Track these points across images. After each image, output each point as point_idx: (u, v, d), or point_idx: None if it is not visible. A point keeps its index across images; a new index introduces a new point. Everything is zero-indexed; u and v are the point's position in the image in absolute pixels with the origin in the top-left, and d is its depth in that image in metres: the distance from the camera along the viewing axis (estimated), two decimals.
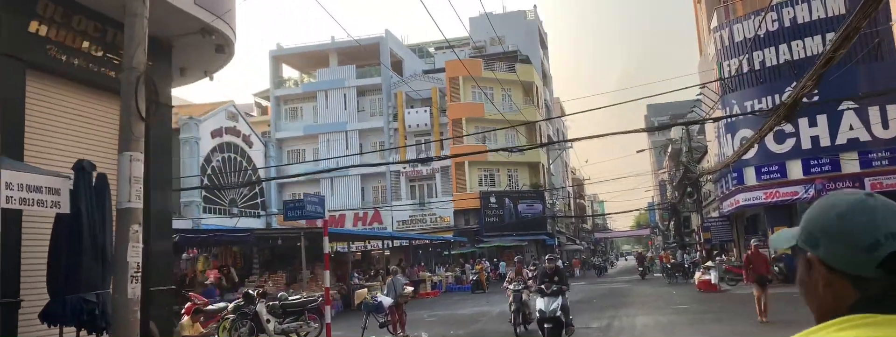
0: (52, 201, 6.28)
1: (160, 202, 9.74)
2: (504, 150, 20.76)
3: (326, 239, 12.84)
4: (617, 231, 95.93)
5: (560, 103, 66.47)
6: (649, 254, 52.81)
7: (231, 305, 13.47)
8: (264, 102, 51.84)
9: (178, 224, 25.71)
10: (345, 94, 45.44)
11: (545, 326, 11.26)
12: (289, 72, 49.02)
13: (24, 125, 7.29)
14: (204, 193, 28.84)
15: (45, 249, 7.02)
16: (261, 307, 12.64)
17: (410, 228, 42.49)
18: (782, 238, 1.24)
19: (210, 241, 20.34)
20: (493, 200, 43.05)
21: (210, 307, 14.06)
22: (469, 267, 34.00)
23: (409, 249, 39.98)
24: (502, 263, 39.43)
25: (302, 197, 41.00)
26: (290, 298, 13.70)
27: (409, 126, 44.01)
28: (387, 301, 13.97)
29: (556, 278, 11.57)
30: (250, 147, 32.55)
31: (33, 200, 6.06)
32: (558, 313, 11.21)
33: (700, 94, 27.60)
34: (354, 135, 45.05)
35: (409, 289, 15.49)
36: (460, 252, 41.61)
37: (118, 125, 6.79)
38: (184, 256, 21.70)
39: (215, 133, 29.98)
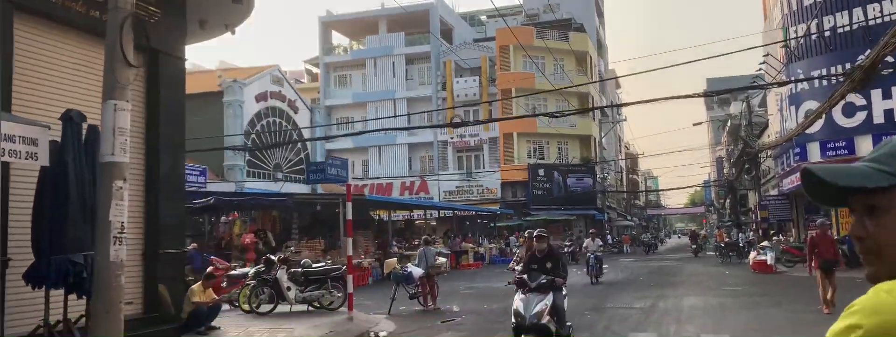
0: (27, 152, 5.74)
1: (170, 164, 9.22)
2: (547, 115, 19.70)
3: (350, 204, 12.21)
4: (670, 208, 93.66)
5: (615, 74, 64.43)
6: (703, 232, 51.10)
7: (252, 271, 13.04)
8: (315, 69, 51.63)
9: (220, 187, 25.71)
10: (393, 62, 44.75)
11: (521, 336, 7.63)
12: (338, 38, 48.54)
13: (11, 72, 6.76)
14: (248, 156, 28.67)
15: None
16: (281, 274, 12.14)
17: (457, 198, 41.92)
18: (849, 173, 1.03)
19: (248, 204, 20.05)
20: (541, 172, 42.04)
21: (234, 272, 13.69)
22: (513, 240, 33.24)
23: (455, 219, 39.47)
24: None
25: (352, 162, 39.90)
26: (313, 266, 13.18)
27: (458, 95, 43.12)
28: (417, 272, 13.38)
29: (548, 265, 8.08)
30: (296, 112, 32.22)
31: (5, 149, 5.53)
32: (544, 320, 7.50)
33: (763, 63, 25.91)
34: (403, 103, 44.44)
35: (442, 260, 14.85)
36: (506, 225, 40.91)
37: None
38: (223, 218, 21.51)
39: (260, 97, 29.69)
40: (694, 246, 37.18)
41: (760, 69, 26.58)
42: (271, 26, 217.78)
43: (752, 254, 23.58)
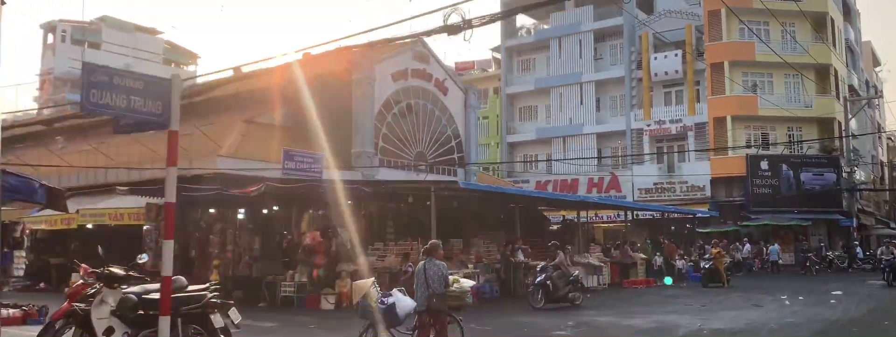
0: None
1: None
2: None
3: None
4: None
5: (871, 47, 51.96)
6: None
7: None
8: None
9: (347, 176, 22.18)
10: (580, 41, 38.86)
11: None
12: (522, 19, 43.63)
13: None
14: (381, 143, 24.88)
15: None
16: (101, 307, 6.99)
17: (655, 198, 34.93)
18: None
19: (313, 194, 15.96)
20: (764, 165, 33.59)
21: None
22: (707, 249, 25.75)
23: (651, 223, 32.68)
24: (773, 248, 30.14)
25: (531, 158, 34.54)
26: (181, 290, 7.31)
27: (656, 74, 36.11)
28: (404, 305, 8.09)
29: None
30: (445, 94, 27.90)
31: None
32: None
33: None
34: (590, 87, 38.37)
35: (465, 283, 9.20)
36: (718, 230, 33.06)
37: None
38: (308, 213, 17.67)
39: (397, 76, 25.81)
40: None
41: None
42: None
43: None
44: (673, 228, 33.03)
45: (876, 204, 44.54)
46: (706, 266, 21.21)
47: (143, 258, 8.04)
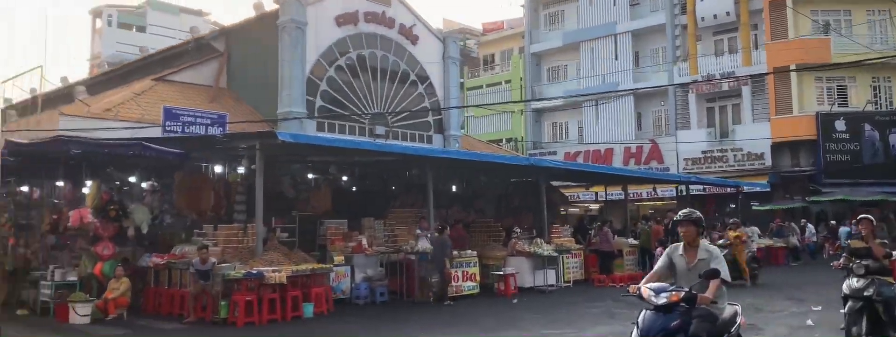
0: None
1: None
2: None
3: None
4: None
5: None
6: None
7: None
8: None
9: None
10: None
11: None
12: None
13: None
14: (320, 102, 20.21)
15: None
16: None
17: (704, 169, 28.67)
18: None
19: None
20: (840, 126, 26.66)
21: None
22: (754, 230, 19.58)
23: (698, 199, 26.66)
24: (845, 229, 23.38)
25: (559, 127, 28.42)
26: None
27: (703, 19, 29.56)
28: None
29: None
30: (414, 43, 22.82)
31: None
32: None
33: None
34: (625, 39, 32.16)
35: None
36: (781, 207, 26.51)
37: None
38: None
39: (344, 19, 20.98)
40: None
41: None
42: None
43: None
44: (732, 205, 26.82)
45: None
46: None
47: None
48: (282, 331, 10.44)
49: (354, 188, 17.17)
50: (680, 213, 5.62)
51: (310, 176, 17.51)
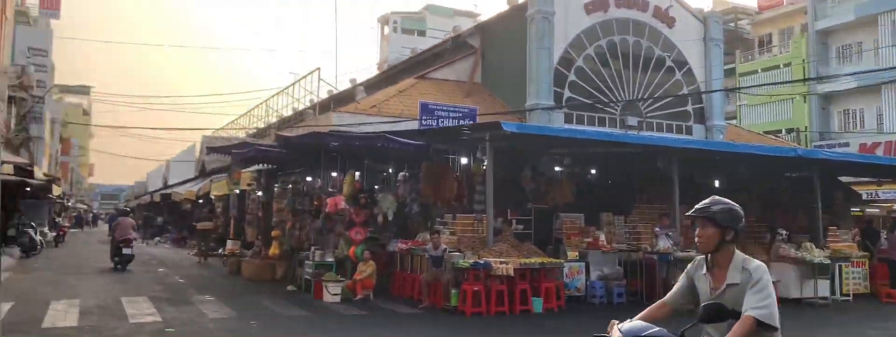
0: None
1: None
2: None
3: None
4: None
5: None
6: None
7: None
8: None
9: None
10: None
11: None
12: None
13: None
14: (568, 93, 19.83)
15: None
16: None
17: None
18: None
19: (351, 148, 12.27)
20: None
21: None
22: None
23: None
24: None
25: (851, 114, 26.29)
26: None
27: None
28: None
29: None
30: (670, 26, 21.36)
31: None
32: None
33: None
34: None
35: None
36: None
37: None
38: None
39: (594, 6, 20.28)
40: None
41: None
42: None
43: None
44: None
45: None
46: None
47: None
48: (509, 323, 10.38)
49: (595, 181, 16.60)
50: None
51: (555, 169, 17.31)
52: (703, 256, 3.33)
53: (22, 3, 38.80)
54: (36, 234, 21.53)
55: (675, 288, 3.45)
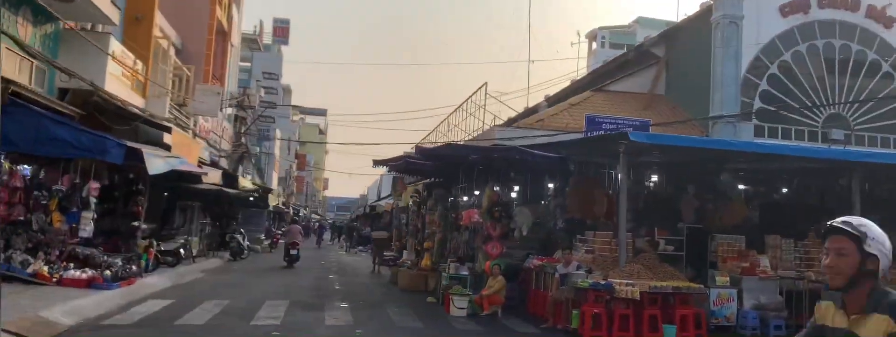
0: None
1: None
2: None
3: None
4: None
5: None
6: None
7: None
8: None
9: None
10: None
11: None
12: None
13: None
14: (758, 103, 17.83)
15: None
16: None
17: None
18: None
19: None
20: None
21: None
22: None
23: None
24: None
25: None
26: None
27: None
28: None
29: None
30: (888, 28, 18.35)
31: None
32: None
33: None
34: None
35: None
36: None
37: None
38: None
39: (792, 7, 18.07)
40: None
41: None
42: None
43: None
44: None
45: None
46: None
47: None
48: None
49: (779, 200, 14.69)
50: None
51: (739, 186, 15.68)
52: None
53: (259, 33, 43.92)
54: (244, 240, 23.92)
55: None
